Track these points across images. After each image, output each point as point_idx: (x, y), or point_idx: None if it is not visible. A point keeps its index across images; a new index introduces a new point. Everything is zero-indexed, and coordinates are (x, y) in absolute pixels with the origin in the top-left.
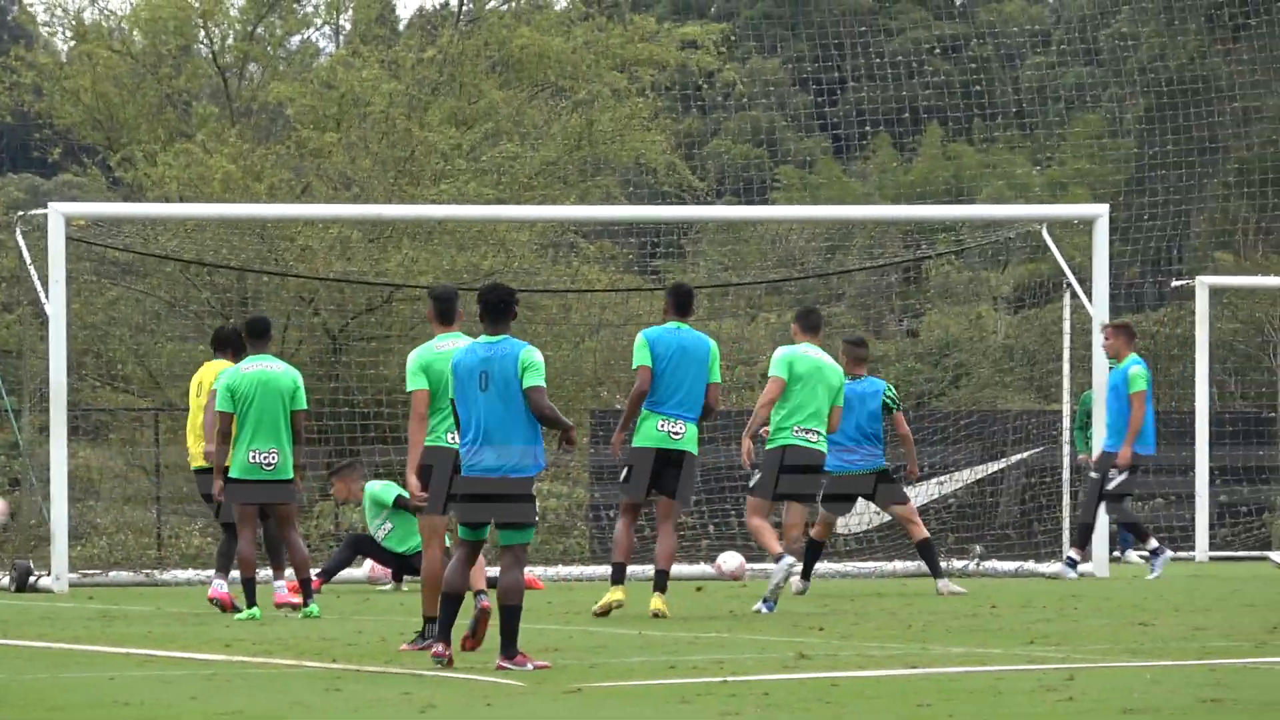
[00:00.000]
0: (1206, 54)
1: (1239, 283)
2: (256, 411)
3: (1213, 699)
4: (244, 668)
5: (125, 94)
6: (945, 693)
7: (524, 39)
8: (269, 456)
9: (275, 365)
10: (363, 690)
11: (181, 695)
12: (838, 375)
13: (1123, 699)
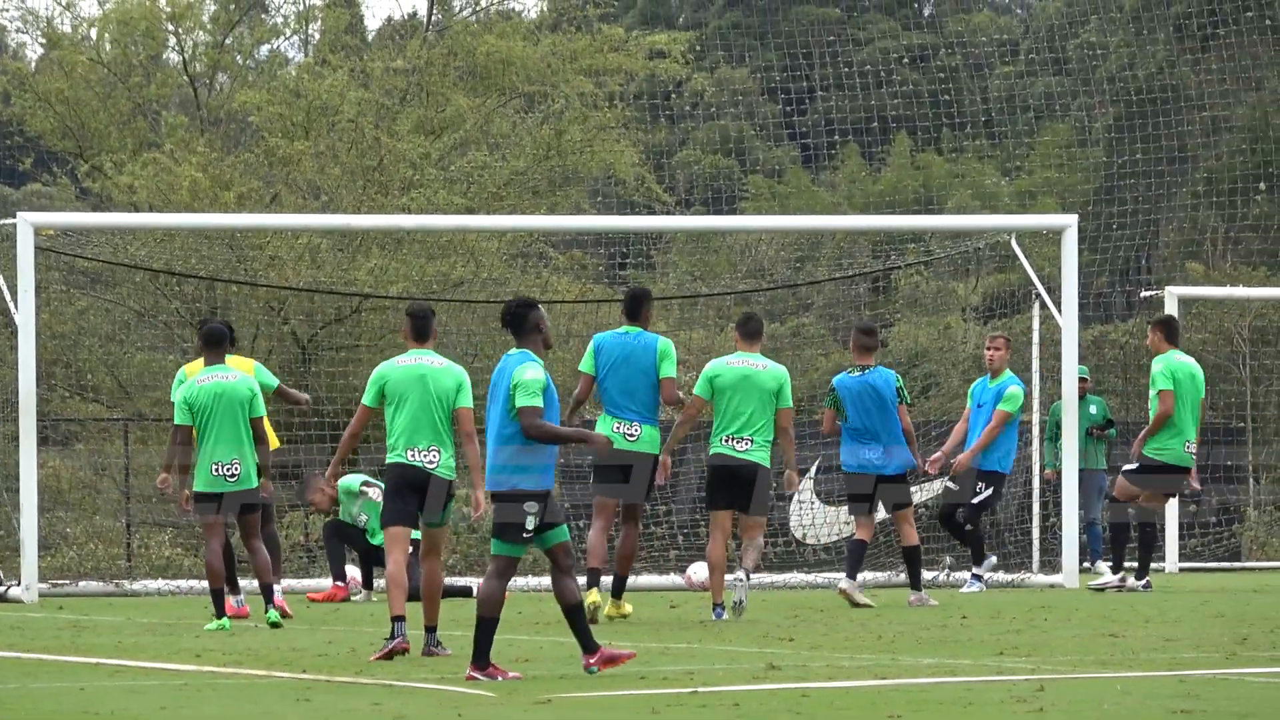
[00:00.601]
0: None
1: (1208, 293)
2: (215, 423)
3: (1183, 710)
4: (214, 678)
5: (97, 101)
6: (915, 704)
7: (489, 46)
8: (231, 468)
9: (231, 375)
10: (333, 700)
11: (152, 705)
12: (774, 378)
13: (1093, 710)
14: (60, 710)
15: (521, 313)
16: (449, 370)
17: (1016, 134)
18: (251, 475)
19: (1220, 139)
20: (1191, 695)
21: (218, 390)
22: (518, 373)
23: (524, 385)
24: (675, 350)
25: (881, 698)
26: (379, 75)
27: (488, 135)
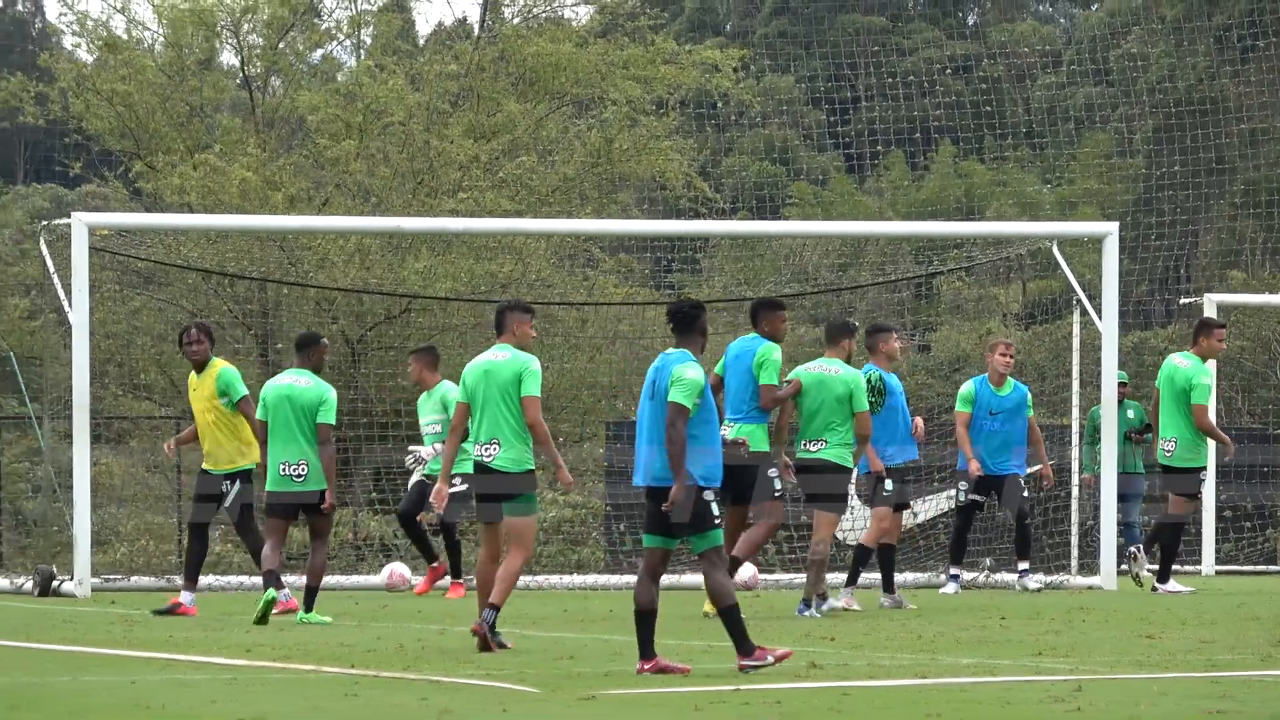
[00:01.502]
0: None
1: (1246, 300)
2: (281, 425)
3: (1218, 711)
4: (264, 673)
5: (155, 102)
6: (955, 703)
7: (539, 49)
8: (299, 468)
9: (302, 380)
10: (381, 695)
11: (202, 699)
12: (843, 382)
13: (1129, 710)
14: (112, 704)
15: (692, 314)
16: (511, 361)
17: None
18: (318, 476)
19: (1259, 150)
20: (1227, 696)
21: (284, 393)
22: (677, 371)
23: (681, 383)
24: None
25: (921, 697)
26: (431, 79)
27: (538, 141)
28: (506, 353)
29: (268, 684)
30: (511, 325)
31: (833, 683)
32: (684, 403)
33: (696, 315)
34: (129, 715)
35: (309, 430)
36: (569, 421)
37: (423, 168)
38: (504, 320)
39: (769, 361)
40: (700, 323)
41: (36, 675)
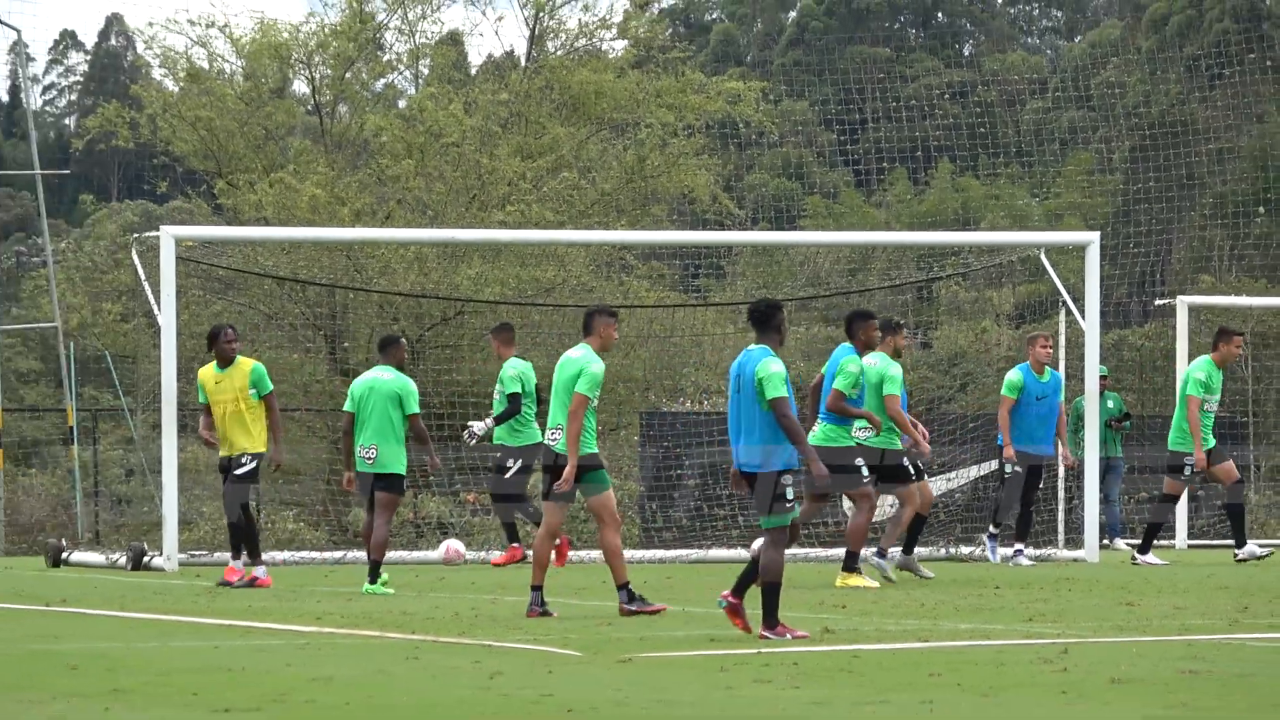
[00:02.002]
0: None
1: (1215, 302)
2: (364, 413)
3: (1191, 670)
4: (333, 639)
5: (234, 126)
6: (954, 664)
7: (583, 78)
8: (370, 451)
9: (385, 374)
10: (439, 659)
11: (278, 662)
12: (876, 373)
13: (1111, 670)
14: (196, 666)
15: (770, 313)
16: (579, 360)
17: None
18: (388, 460)
19: (1226, 167)
20: (1198, 658)
21: (369, 386)
22: (761, 367)
23: (771, 378)
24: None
25: (924, 658)
26: (484, 105)
27: (579, 160)
28: (580, 351)
29: (336, 649)
30: (598, 328)
31: (844, 646)
32: (782, 393)
33: (773, 313)
34: (212, 676)
35: (387, 419)
36: (606, 412)
37: (475, 184)
38: (591, 323)
39: (845, 371)
40: (776, 320)
41: (130, 641)
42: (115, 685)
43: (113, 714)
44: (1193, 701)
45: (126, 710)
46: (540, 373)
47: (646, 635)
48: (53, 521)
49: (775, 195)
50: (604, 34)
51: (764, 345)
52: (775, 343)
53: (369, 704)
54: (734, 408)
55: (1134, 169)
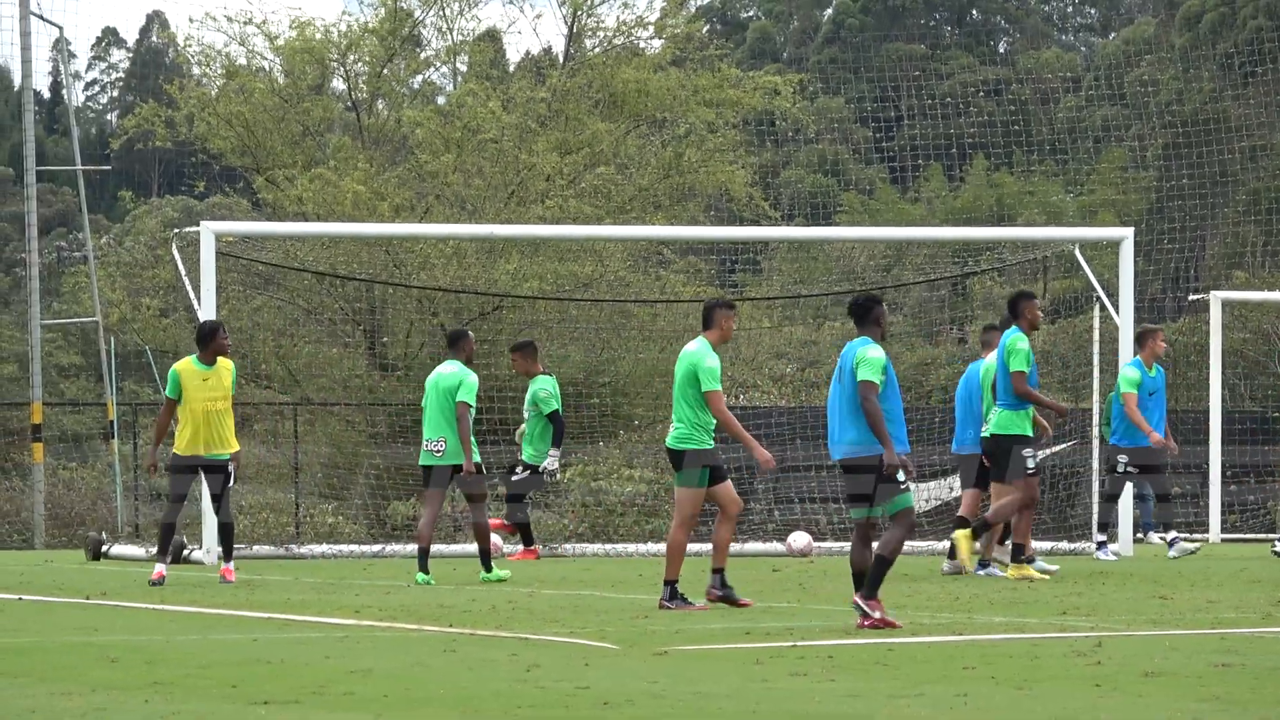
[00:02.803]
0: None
1: (1249, 297)
2: (428, 408)
3: (1224, 664)
4: (371, 631)
5: (271, 123)
6: (988, 657)
7: (626, 76)
8: (438, 444)
9: (446, 368)
10: (476, 652)
11: (317, 655)
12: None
13: (1144, 664)
14: (236, 658)
15: (867, 305)
16: (696, 353)
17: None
18: (454, 453)
19: (1260, 164)
20: (1232, 651)
21: (433, 380)
22: (860, 352)
23: (867, 362)
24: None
25: (958, 652)
26: (522, 101)
27: (616, 155)
28: (697, 345)
29: (375, 641)
30: (718, 320)
31: (879, 639)
32: (872, 378)
33: (871, 306)
34: (251, 669)
35: (449, 411)
36: (642, 405)
37: (513, 179)
38: (711, 316)
39: (1016, 350)
40: (875, 313)
41: (170, 634)
42: (155, 678)
43: (152, 706)
44: (1226, 695)
45: (166, 702)
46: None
47: (682, 628)
48: (93, 515)
49: (811, 191)
50: (641, 32)
51: (864, 336)
52: (876, 335)
53: (407, 696)
54: (833, 396)
55: (1168, 165)
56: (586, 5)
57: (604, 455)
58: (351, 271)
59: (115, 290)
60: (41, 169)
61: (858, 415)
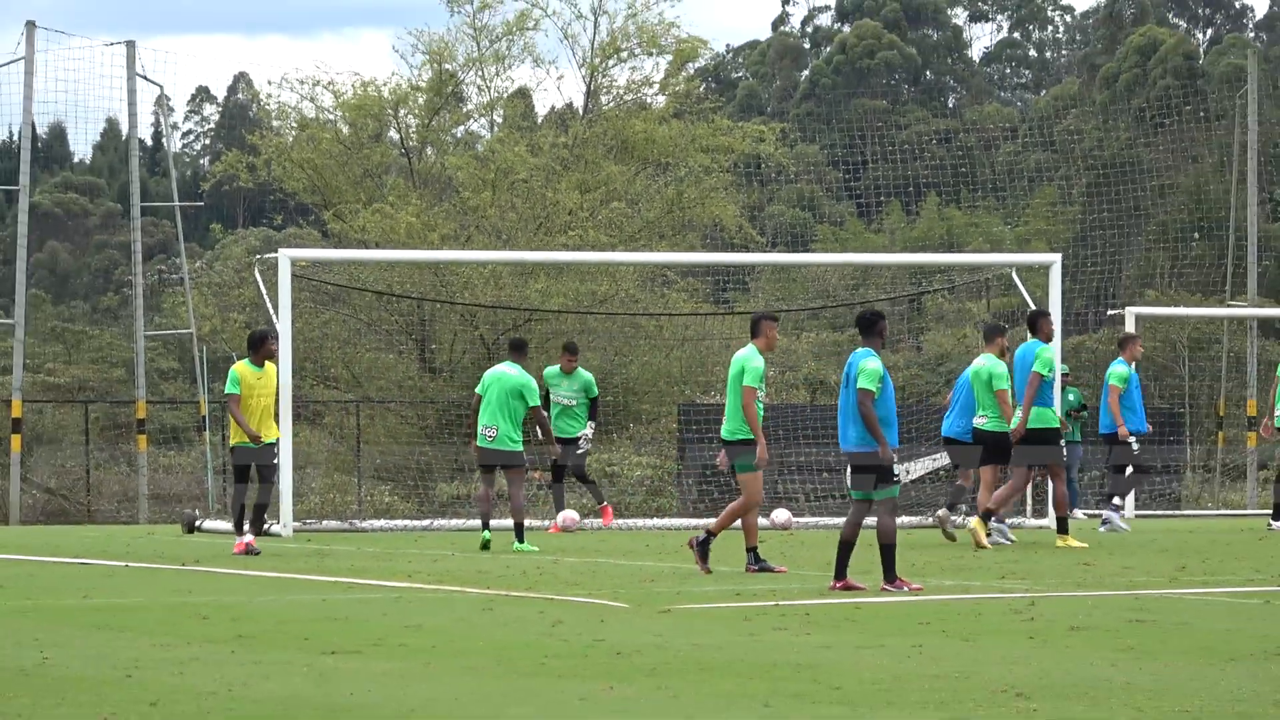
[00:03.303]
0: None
1: (1158, 312)
2: (489, 400)
3: (1137, 620)
4: (421, 593)
5: (336, 166)
6: (940, 614)
7: (635, 127)
8: (491, 430)
9: (510, 369)
10: (510, 610)
11: (375, 613)
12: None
13: (1071, 620)
14: (309, 617)
15: (872, 319)
16: (745, 358)
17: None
18: (505, 439)
19: (1168, 200)
20: (1144, 609)
21: (496, 377)
22: (861, 363)
23: (866, 372)
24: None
25: (914, 610)
26: (547, 148)
27: (627, 193)
28: (746, 350)
29: (424, 601)
30: (764, 330)
31: (848, 599)
32: (869, 386)
33: (875, 320)
34: (322, 625)
35: (508, 406)
36: (649, 402)
37: (540, 213)
38: (759, 326)
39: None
40: (879, 326)
41: (252, 595)
42: (239, 632)
43: (237, 656)
44: (1139, 646)
45: (248, 653)
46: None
47: (683, 590)
48: (188, 495)
49: (791, 223)
50: (648, 89)
51: (867, 348)
52: (877, 345)
53: (451, 648)
54: (841, 401)
55: (1090, 201)
56: (602, 67)
57: (617, 444)
58: (405, 291)
59: (207, 306)
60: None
61: (859, 417)
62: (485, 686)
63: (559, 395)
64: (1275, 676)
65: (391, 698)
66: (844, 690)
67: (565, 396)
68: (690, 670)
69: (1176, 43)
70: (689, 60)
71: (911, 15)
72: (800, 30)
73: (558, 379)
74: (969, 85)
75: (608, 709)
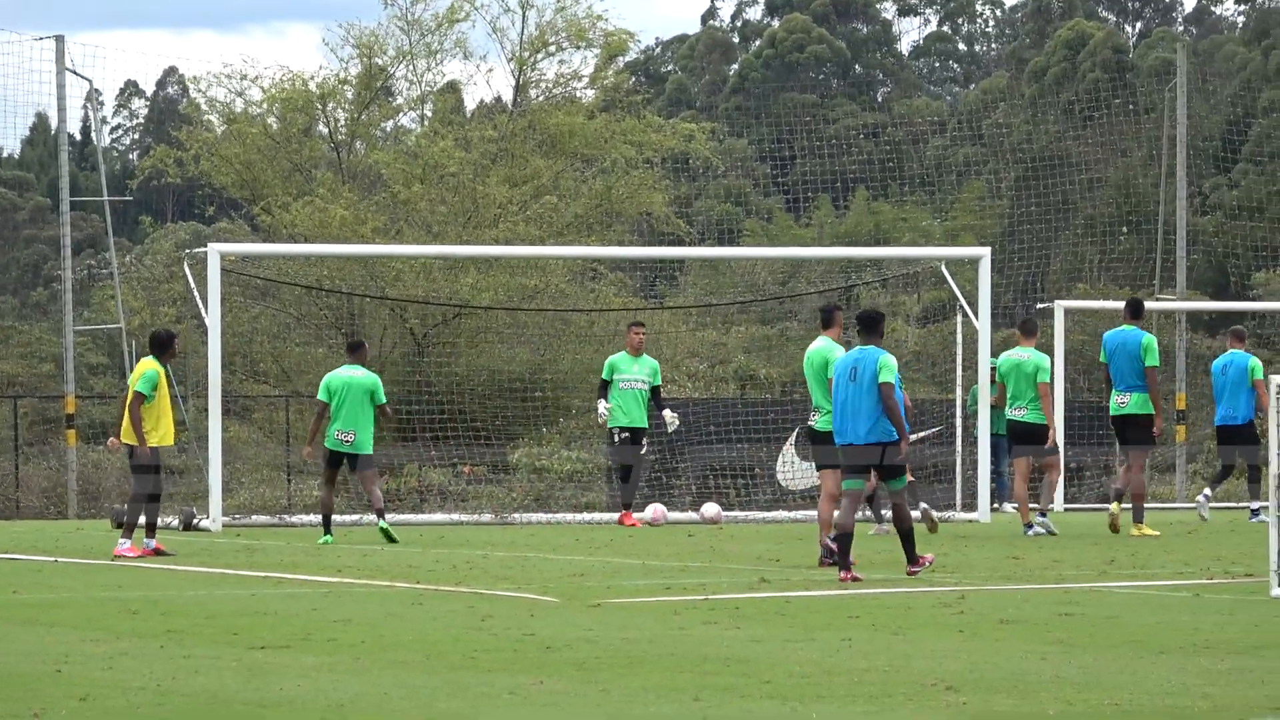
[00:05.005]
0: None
1: (1086, 305)
2: (342, 404)
3: (1067, 613)
4: (351, 587)
5: (264, 161)
6: (870, 608)
7: (559, 121)
8: (349, 435)
9: (358, 371)
10: (439, 604)
11: (305, 607)
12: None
13: (1000, 613)
14: (237, 610)
15: (876, 319)
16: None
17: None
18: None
19: (1096, 194)
20: (1073, 602)
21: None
22: (882, 359)
23: (888, 367)
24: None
25: (845, 603)
26: (476, 142)
27: (557, 187)
28: (822, 342)
29: (354, 596)
30: (838, 321)
31: (778, 593)
32: (893, 380)
33: (879, 320)
34: (251, 619)
35: (362, 408)
36: (580, 397)
37: (470, 207)
38: (833, 317)
39: (1151, 349)
40: (880, 326)
41: (181, 590)
42: (169, 627)
43: (166, 650)
44: (1068, 639)
45: (178, 647)
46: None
47: (613, 584)
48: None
49: (719, 218)
50: (577, 83)
51: (873, 345)
52: (879, 343)
53: (380, 642)
54: (849, 393)
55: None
56: (530, 61)
57: (547, 438)
58: (335, 285)
59: (136, 301)
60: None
61: (871, 410)
62: (414, 680)
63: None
64: (1204, 669)
65: (321, 692)
66: (774, 684)
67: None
68: (620, 664)
69: (1105, 36)
70: (618, 54)
71: (840, 9)
72: (729, 24)
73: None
74: (898, 79)
75: (537, 703)
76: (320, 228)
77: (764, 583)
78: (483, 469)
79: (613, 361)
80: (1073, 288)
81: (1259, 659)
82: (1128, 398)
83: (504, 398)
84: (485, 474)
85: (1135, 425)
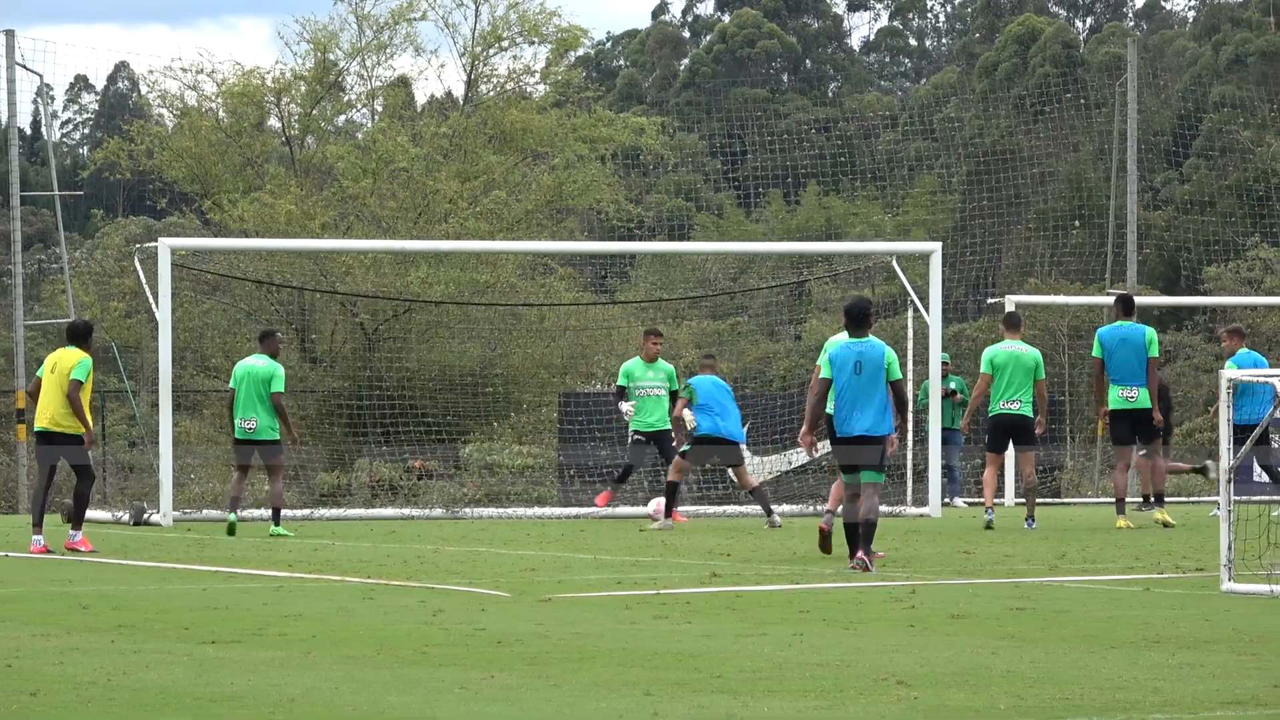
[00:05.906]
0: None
1: (1037, 300)
2: (241, 391)
3: (1018, 608)
4: (302, 582)
5: (216, 156)
6: (821, 602)
7: (512, 117)
8: (250, 423)
9: (260, 361)
10: (390, 599)
11: (256, 601)
12: (1032, 358)
13: (952, 607)
14: (188, 605)
15: (868, 312)
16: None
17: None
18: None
19: (1047, 189)
20: (1024, 597)
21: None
22: (889, 354)
23: (895, 364)
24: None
25: (795, 598)
26: (428, 137)
27: (508, 182)
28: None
29: (305, 590)
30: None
31: (729, 588)
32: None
33: (870, 313)
34: (202, 614)
35: (260, 396)
36: (531, 392)
37: (421, 202)
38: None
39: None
40: (873, 319)
41: (132, 585)
42: (120, 622)
43: (117, 645)
44: (1020, 633)
45: (129, 643)
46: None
47: (564, 579)
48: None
49: (671, 213)
50: (528, 78)
51: (870, 337)
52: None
53: (332, 637)
54: (853, 385)
55: (970, 190)
56: (483, 56)
57: (498, 433)
58: (285, 279)
59: (87, 295)
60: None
61: (873, 402)
62: (366, 675)
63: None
64: (1155, 664)
65: (272, 687)
66: (724, 678)
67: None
68: (571, 659)
69: (1056, 31)
70: (569, 49)
71: (791, 4)
72: (680, 19)
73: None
74: (849, 74)
75: (488, 697)
76: (268, 223)
77: (715, 577)
78: (434, 464)
79: (628, 369)
80: (1024, 282)
81: (1209, 653)
82: (1135, 392)
83: (455, 392)
84: (436, 468)
85: (1147, 419)
